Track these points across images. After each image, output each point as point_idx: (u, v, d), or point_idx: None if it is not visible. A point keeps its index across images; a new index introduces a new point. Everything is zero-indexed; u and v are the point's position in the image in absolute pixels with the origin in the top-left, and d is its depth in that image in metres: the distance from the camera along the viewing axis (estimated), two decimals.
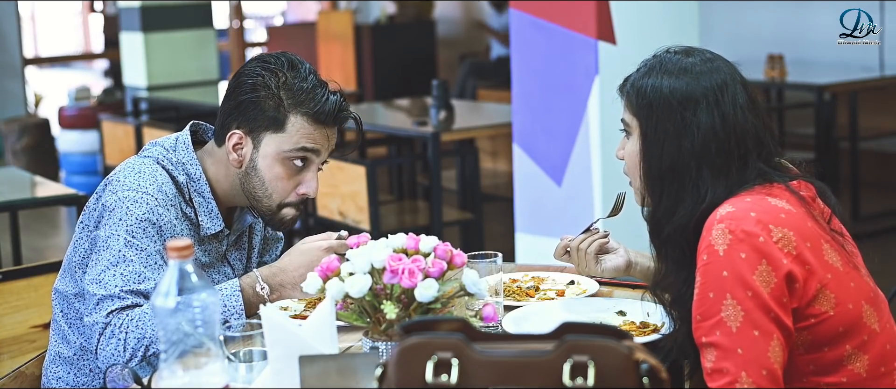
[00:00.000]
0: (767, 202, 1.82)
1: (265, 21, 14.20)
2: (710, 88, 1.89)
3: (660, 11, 4.08)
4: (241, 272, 2.40)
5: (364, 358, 1.62)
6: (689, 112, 1.88)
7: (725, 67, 1.93)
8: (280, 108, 2.22)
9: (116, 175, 2.24)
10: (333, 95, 2.26)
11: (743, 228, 1.77)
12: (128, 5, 7.79)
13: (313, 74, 2.27)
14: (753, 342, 1.72)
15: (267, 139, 2.24)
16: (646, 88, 1.94)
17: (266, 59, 2.27)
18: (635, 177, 1.99)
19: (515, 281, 2.48)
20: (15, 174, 5.22)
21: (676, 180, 1.89)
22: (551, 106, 4.14)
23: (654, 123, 1.91)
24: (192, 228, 2.26)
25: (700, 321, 1.78)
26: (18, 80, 9.51)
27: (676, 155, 1.88)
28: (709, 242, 1.79)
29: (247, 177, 2.27)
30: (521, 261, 4.15)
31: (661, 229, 1.92)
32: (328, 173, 5.03)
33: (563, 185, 4.12)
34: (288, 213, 2.30)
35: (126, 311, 2.12)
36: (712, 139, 1.87)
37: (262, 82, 2.23)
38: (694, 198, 1.87)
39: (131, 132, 6.38)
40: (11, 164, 8.23)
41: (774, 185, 1.87)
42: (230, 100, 2.27)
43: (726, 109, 1.88)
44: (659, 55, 1.98)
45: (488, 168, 6.52)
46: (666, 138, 1.89)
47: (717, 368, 1.73)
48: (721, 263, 1.76)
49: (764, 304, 1.74)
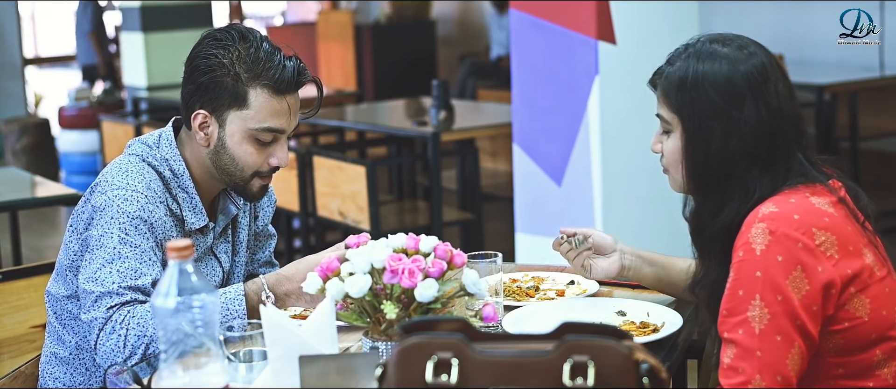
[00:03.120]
0: (811, 204, 1.79)
1: (265, 21, 14.19)
2: (751, 76, 1.82)
3: (660, 11, 4.08)
4: (229, 266, 2.39)
5: (364, 358, 1.62)
6: (734, 109, 1.82)
7: (761, 52, 1.87)
8: (238, 83, 2.20)
9: (104, 176, 2.23)
10: (290, 61, 2.23)
11: (784, 230, 1.74)
12: (128, 5, 7.79)
13: (266, 41, 2.24)
14: (774, 346, 1.71)
15: (231, 117, 2.23)
16: (684, 80, 1.86)
17: (216, 35, 2.25)
18: (677, 173, 1.93)
19: (515, 281, 2.48)
20: (15, 174, 5.22)
21: (723, 179, 1.84)
22: (551, 106, 4.14)
23: (697, 121, 1.85)
24: (178, 224, 2.26)
25: (726, 317, 1.76)
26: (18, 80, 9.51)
27: (724, 155, 1.83)
28: (747, 239, 1.76)
29: (216, 155, 2.26)
30: (521, 261, 4.15)
31: (705, 228, 1.87)
32: (328, 173, 5.03)
33: (563, 185, 4.12)
34: (257, 183, 2.29)
35: (126, 307, 2.12)
36: (762, 135, 1.81)
37: (216, 61, 2.21)
38: (742, 197, 1.82)
39: (131, 132, 6.38)
40: (11, 164, 8.23)
41: (816, 185, 1.83)
42: (189, 83, 2.25)
43: (771, 100, 1.83)
44: (691, 44, 1.90)
45: (488, 168, 6.51)
46: (712, 139, 1.83)
47: (733, 366, 1.72)
48: (756, 262, 1.74)
49: (792, 310, 1.72)
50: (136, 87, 7.79)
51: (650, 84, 1.96)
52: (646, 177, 4.13)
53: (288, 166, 3.01)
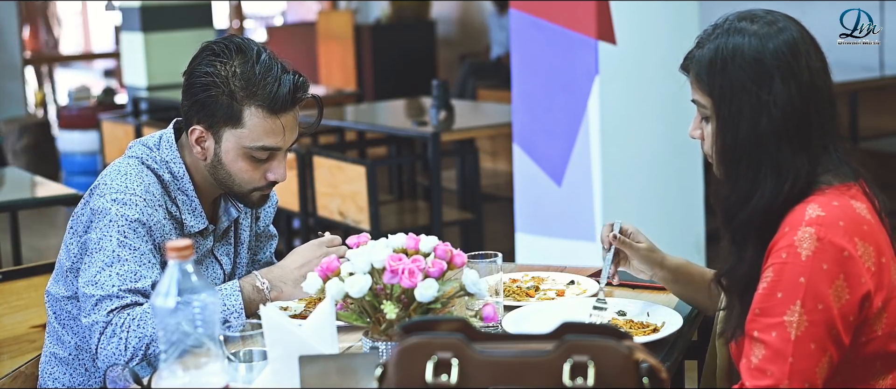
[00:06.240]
0: (853, 210, 1.75)
1: (265, 21, 14.18)
2: (780, 53, 1.77)
3: (660, 11, 4.08)
4: (230, 269, 2.40)
5: (364, 358, 1.62)
6: (763, 88, 1.76)
7: (793, 26, 1.81)
8: (233, 102, 2.20)
9: (103, 179, 2.23)
10: (287, 76, 2.21)
11: (831, 238, 1.70)
12: (128, 5, 7.79)
13: (265, 55, 2.22)
14: (808, 354, 1.68)
15: (227, 134, 2.23)
16: (714, 61, 1.80)
17: (214, 49, 2.24)
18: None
19: (515, 281, 2.48)
20: (15, 174, 5.22)
21: (754, 161, 1.77)
22: (551, 106, 4.14)
23: (728, 102, 1.78)
24: (177, 226, 2.26)
25: (758, 315, 1.72)
26: (18, 80, 9.51)
27: (753, 135, 1.76)
28: (792, 241, 1.71)
29: (214, 169, 2.27)
30: (521, 261, 4.15)
31: (735, 214, 1.80)
32: (328, 173, 5.03)
33: (563, 185, 4.12)
34: (256, 195, 2.30)
35: (126, 310, 2.12)
36: (792, 114, 1.75)
37: (211, 80, 2.20)
38: (775, 180, 1.76)
39: (131, 132, 6.38)
40: (11, 164, 8.23)
41: (852, 185, 1.79)
42: (186, 98, 2.25)
43: (802, 76, 1.77)
44: (719, 24, 1.85)
45: (488, 168, 6.51)
46: (741, 119, 1.77)
47: (762, 367, 1.69)
48: (801, 268, 1.69)
49: (830, 320, 1.68)
50: (136, 87, 7.79)
51: (682, 69, 1.89)
52: (646, 177, 4.14)
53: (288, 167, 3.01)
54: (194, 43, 2.28)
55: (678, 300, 2.30)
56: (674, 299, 2.32)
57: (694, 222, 4.27)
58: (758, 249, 1.78)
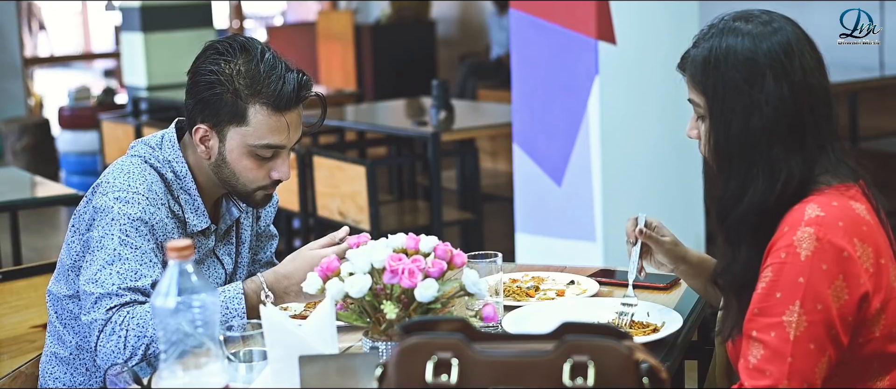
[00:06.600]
0: (853, 210, 1.75)
1: (265, 21, 14.18)
2: (773, 52, 1.77)
3: (660, 11, 4.08)
4: (231, 268, 2.39)
5: (364, 358, 1.62)
6: (754, 87, 1.76)
7: (788, 25, 1.82)
8: (238, 100, 2.20)
9: (106, 177, 2.23)
10: (291, 74, 2.22)
11: (830, 238, 1.70)
12: (128, 5, 7.79)
13: (269, 53, 2.23)
14: (807, 354, 1.68)
15: (231, 133, 2.23)
16: (708, 60, 1.81)
17: (218, 48, 2.24)
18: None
19: (515, 281, 2.48)
20: (15, 174, 5.22)
21: (745, 160, 1.78)
22: (551, 106, 4.14)
23: (720, 101, 1.79)
24: (180, 225, 2.27)
25: (757, 315, 1.72)
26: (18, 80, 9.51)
27: (744, 134, 1.77)
28: (791, 241, 1.71)
29: (218, 168, 2.27)
30: (521, 261, 4.15)
31: (728, 213, 1.81)
32: (328, 173, 5.03)
33: (563, 185, 4.12)
34: (260, 194, 2.30)
35: (126, 308, 2.12)
36: (784, 114, 1.76)
37: (216, 78, 2.21)
38: (767, 179, 1.76)
39: (131, 132, 6.38)
40: (11, 164, 8.23)
41: (851, 185, 1.79)
42: (190, 96, 2.26)
43: (795, 76, 1.77)
44: (715, 23, 1.85)
45: (488, 168, 6.51)
46: (733, 117, 1.78)
47: (760, 367, 1.69)
48: (800, 268, 1.69)
49: (829, 320, 1.68)
50: (135, 87, 7.79)
51: (679, 69, 1.90)
52: (646, 177, 4.14)
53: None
54: (194, 43, 2.29)
55: (678, 301, 2.30)
56: (674, 299, 2.32)
57: (694, 222, 4.27)
58: (753, 248, 1.79)
